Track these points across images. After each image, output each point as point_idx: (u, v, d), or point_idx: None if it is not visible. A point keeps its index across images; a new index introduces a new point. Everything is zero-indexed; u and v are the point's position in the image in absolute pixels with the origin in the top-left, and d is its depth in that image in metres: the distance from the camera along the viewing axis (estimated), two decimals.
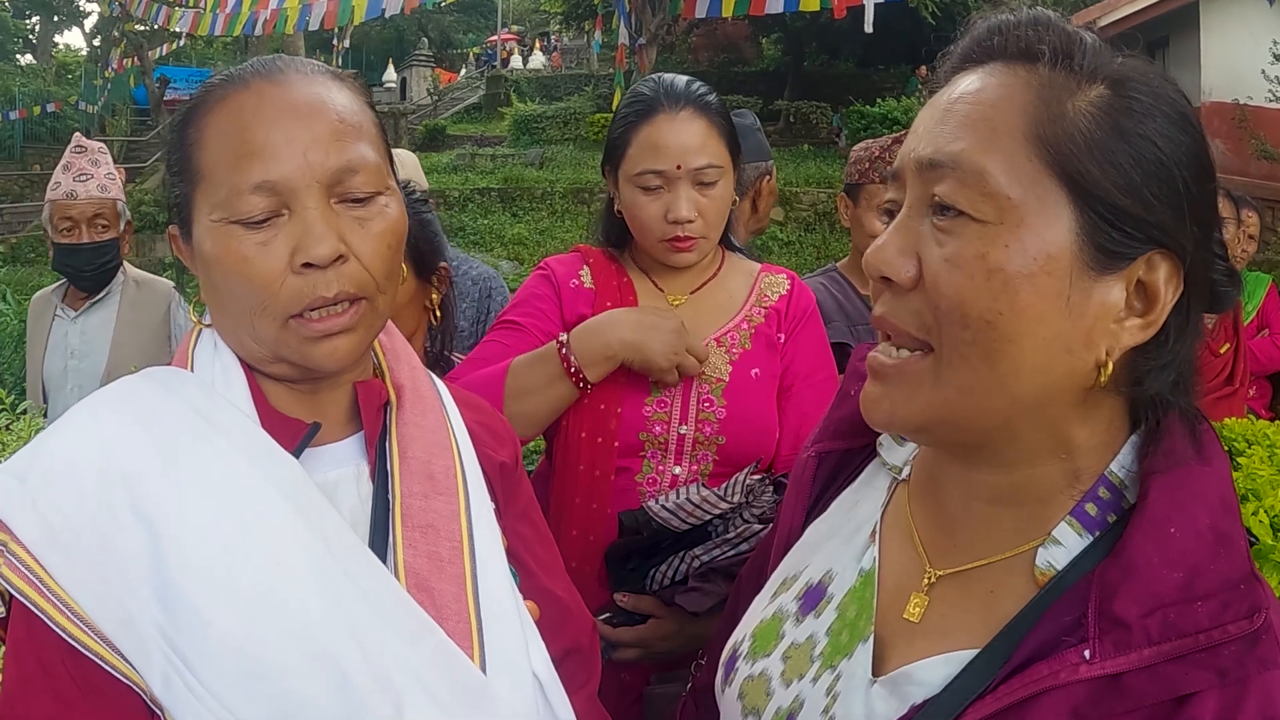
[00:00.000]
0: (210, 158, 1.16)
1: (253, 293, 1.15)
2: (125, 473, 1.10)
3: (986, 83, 1.01)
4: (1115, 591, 0.94)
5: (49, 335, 4.07)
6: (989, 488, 1.09)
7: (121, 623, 1.05)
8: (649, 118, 2.18)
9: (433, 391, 1.38)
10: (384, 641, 1.11)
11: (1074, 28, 1.03)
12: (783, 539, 1.36)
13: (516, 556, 1.37)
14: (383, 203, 1.21)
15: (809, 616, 1.21)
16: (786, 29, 26.34)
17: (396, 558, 1.19)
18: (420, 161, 3.93)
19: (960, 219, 0.98)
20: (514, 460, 1.49)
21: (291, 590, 1.09)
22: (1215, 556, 0.94)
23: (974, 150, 0.98)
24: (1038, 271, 0.95)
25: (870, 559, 1.19)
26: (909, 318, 1.02)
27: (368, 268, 1.18)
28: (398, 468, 1.25)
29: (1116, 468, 1.04)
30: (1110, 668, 0.92)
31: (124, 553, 1.07)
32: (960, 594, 1.09)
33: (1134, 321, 0.98)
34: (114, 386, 1.21)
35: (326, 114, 1.18)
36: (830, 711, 1.11)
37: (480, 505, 1.30)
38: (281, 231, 1.15)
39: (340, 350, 1.18)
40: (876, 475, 1.29)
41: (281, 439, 1.19)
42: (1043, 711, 0.93)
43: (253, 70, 1.20)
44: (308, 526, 1.13)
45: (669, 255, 2.21)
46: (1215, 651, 0.90)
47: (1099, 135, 0.96)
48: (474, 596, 1.21)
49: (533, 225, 19.14)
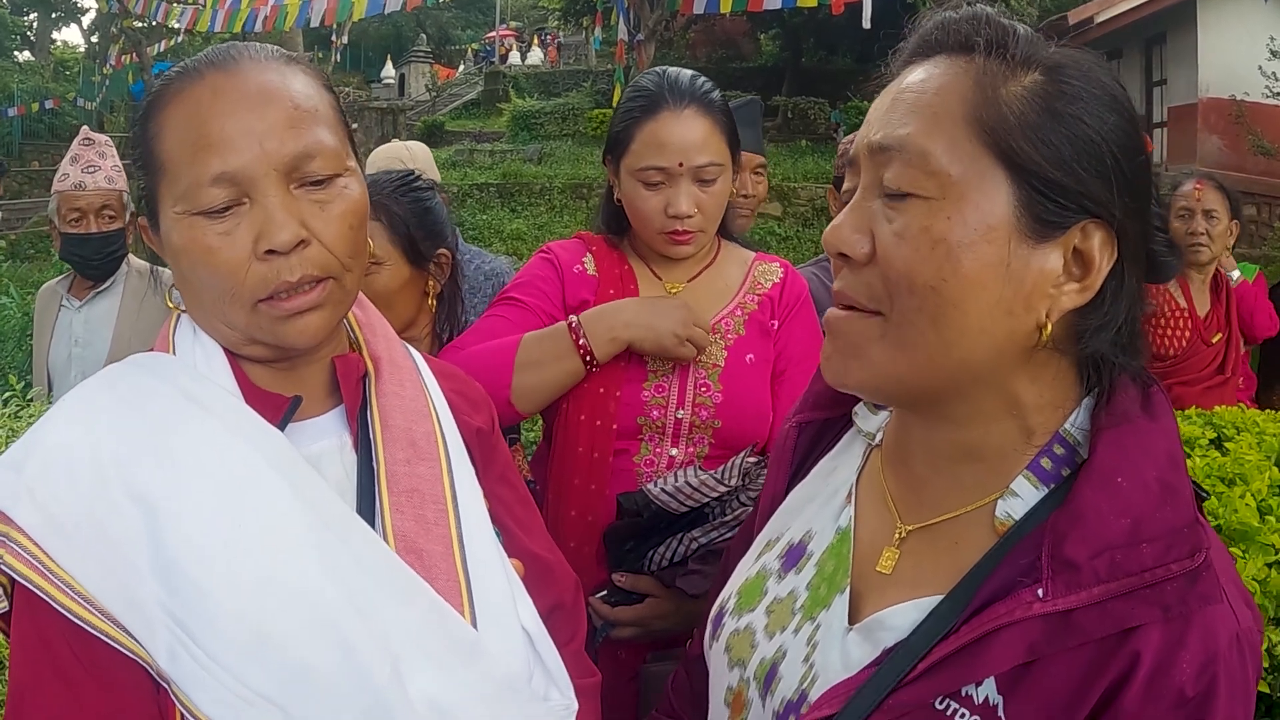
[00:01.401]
0: (170, 151, 1.19)
1: (219, 281, 1.18)
2: (118, 457, 1.13)
3: (930, 73, 1.11)
4: (1065, 536, 1.02)
5: (54, 325, 4.13)
6: (950, 446, 1.18)
7: (125, 600, 1.08)
8: (653, 113, 2.21)
9: (409, 362, 1.42)
10: (379, 604, 1.14)
11: (1009, 21, 1.12)
12: (766, 505, 1.45)
13: (497, 519, 1.40)
14: (342, 184, 1.24)
15: (790, 573, 1.30)
16: (784, 25, 26.29)
17: (385, 523, 1.23)
18: None
19: (907, 199, 1.07)
20: (490, 425, 1.53)
21: (289, 559, 1.12)
22: (1161, 505, 1.03)
23: (918, 134, 1.07)
24: (978, 241, 1.04)
25: (847, 518, 1.28)
26: (862, 289, 1.11)
27: (330, 249, 1.21)
28: (380, 436, 1.29)
29: (1071, 426, 1.13)
30: (1061, 605, 1.00)
31: (123, 535, 1.10)
32: (928, 546, 1.18)
33: (1072, 286, 1.07)
34: (102, 374, 1.24)
35: (281, 101, 1.20)
36: (810, 659, 1.19)
37: (462, 469, 1.34)
38: (244, 220, 1.17)
39: (311, 327, 1.22)
40: (853, 442, 1.38)
41: (265, 414, 1.22)
42: (1001, 646, 1.02)
43: (206, 61, 1.22)
44: (299, 496, 1.16)
45: (667, 247, 2.26)
46: (1159, 588, 0.99)
47: (1031, 116, 1.04)
48: (461, 556, 1.25)
49: (531, 221, 19.09)
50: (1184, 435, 2.69)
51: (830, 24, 23.02)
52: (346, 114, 1.34)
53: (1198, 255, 4.40)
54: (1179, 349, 4.38)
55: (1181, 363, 4.38)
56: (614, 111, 2.37)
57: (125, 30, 22.89)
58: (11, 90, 29.03)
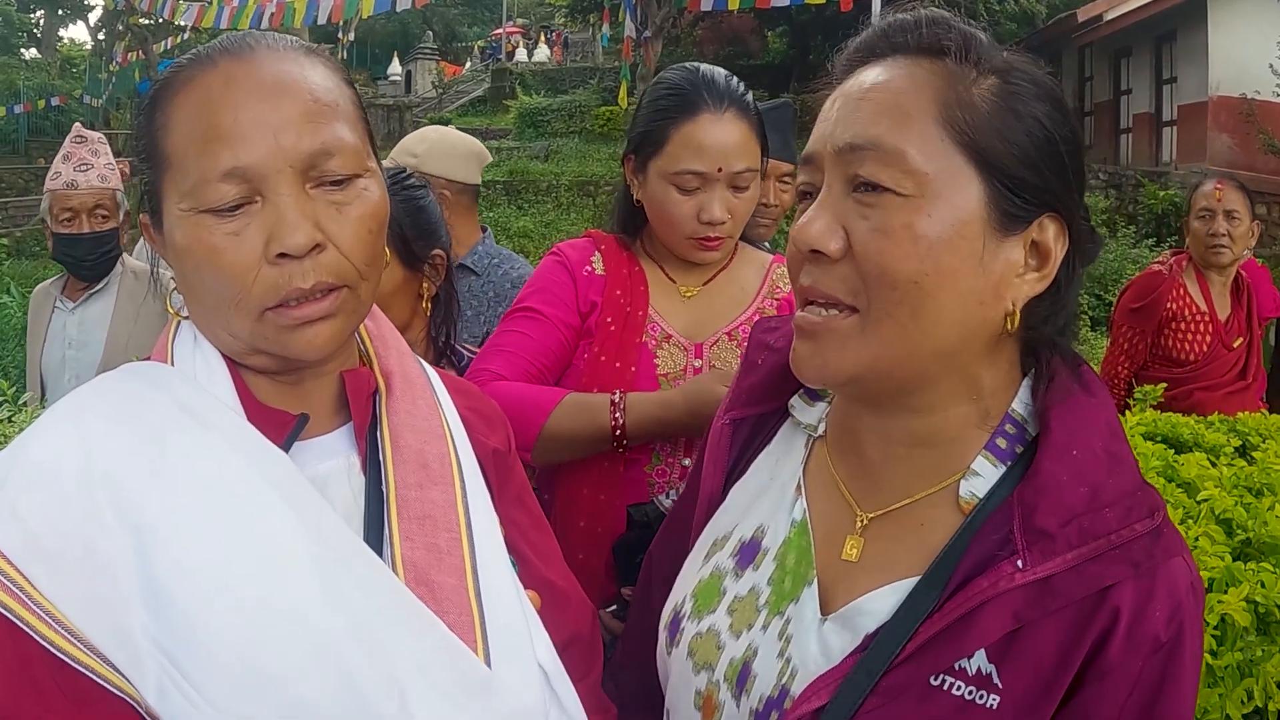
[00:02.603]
0: (177, 143, 1.11)
1: (225, 285, 1.10)
2: (109, 474, 1.05)
3: (894, 74, 1.15)
4: (1035, 508, 1.10)
5: (48, 327, 4.05)
6: (907, 432, 1.22)
7: (112, 632, 1.01)
8: (692, 115, 2.13)
9: (423, 378, 1.34)
10: (386, 638, 1.07)
11: (969, 26, 1.18)
12: (704, 504, 1.43)
13: (513, 545, 1.34)
14: (361, 185, 1.15)
15: (748, 570, 1.30)
16: (792, 22, 26.25)
17: (394, 551, 1.15)
18: None
19: (883, 194, 1.10)
20: (506, 445, 1.46)
21: (289, 589, 1.05)
22: (1111, 473, 1.12)
23: (892, 133, 1.10)
24: (955, 236, 1.09)
25: (800, 510, 1.29)
26: (838, 284, 1.13)
27: (347, 255, 1.13)
28: (390, 457, 1.21)
29: (1018, 405, 1.20)
30: (1041, 572, 1.07)
31: (111, 558, 1.02)
32: (893, 531, 1.21)
33: (1032, 275, 1.14)
34: (94, 383, 1.17)
35: (299, 93, 1.12)
36: (785, 654, 1.20)
37: (477, 493, 1.26)
38: (254, 220, 1.09)
39: (320, 338, 1.13)
40: (793, 435, 1.39)
41: (268, 432, 1.14)
42: (988, 618, 1.07)
43: (220, 48, 1.14)
44: (302, 522, 1.08)
45: (694, 252, 2.20)
46: (1127, 548, 1.07)
47: (998, 116, 1.11)
48: (475, 587, 1.18)
49: (538, 218, 19.10)
50: (1209, 443, 2.63)
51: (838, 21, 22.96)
52: (365, 110, 1.25)
53: (1219, 257, 4.30)
54: (1200, 354, 4.29)
55: (1202, 368, 4.30)
56: (639, 108, 2.28)
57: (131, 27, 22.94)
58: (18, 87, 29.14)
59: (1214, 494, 2.10)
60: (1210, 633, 1.77)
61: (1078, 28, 20.69)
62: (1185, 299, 4.30)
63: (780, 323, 1.45)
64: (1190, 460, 2.32)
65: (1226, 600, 1.79)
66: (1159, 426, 2.75)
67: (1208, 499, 2.08)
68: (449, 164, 3.60)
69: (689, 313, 2.27)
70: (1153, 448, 2.40)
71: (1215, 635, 1.78)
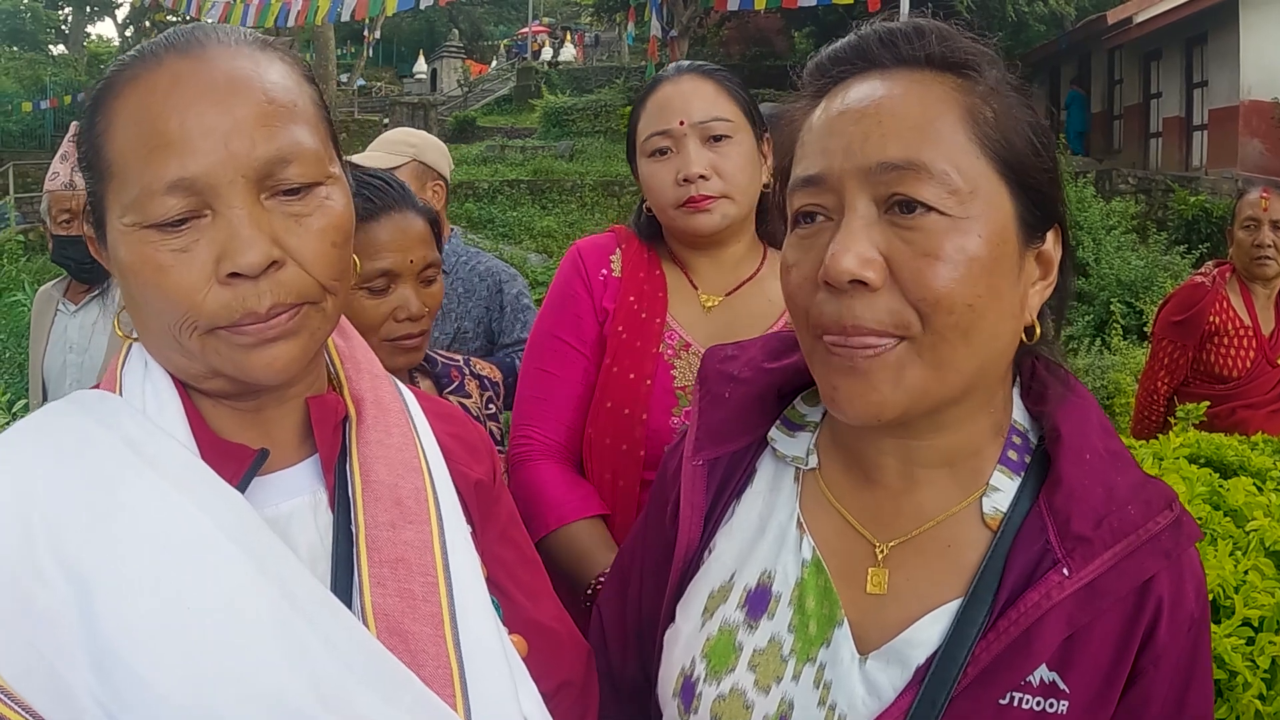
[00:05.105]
0: (119, 151, 1.01)
1: (171, 308, 1.00)
2: (48, 519, 0.96)
3: (909, 88, 1.11)
4: (1069, 515, 1.11)
5: (50, 330, 3.99)
6: (931, 452, 1.19)
7: (51, 693, 0.92)
8: (653, 89, 2.17)
9: (398, 403, 1.23)
10: (355, 698, 0.97)
11: (969, 40, 1.14)
12: (683, 554, 1.34)
13: (498, 584, 1.25)
14: (323, 195, 1.05)
15: (762, 620, 1.23)
16: (819, 22, 26.13)
17: (364, 599, 1.05)
18: (450, 153, 3.81)
19: (928, 215, 1.05)
20: (491, 476, 1.35)
21: (245, 646, 0.95)
22: (1117, 470, 1.15)
23: (930, 151, 1.06)
24: (999, 254, 1.08)
25: (809, 548, 1.24)
26: (883, 315, 1.06)
27: (309, 270, 1.03)
28: (360, 493, 1.11)
29: (1017, 414, 1.22)
30: (1086, 576, 1.08)
31: (51, 612, 0.93)
32: (918, 557, 1.18)
33: (1040, 284, 1.16)
34: (34, 417, 1.08)
35: (252, 94, 1.02)
36: (827, 701, 1.15)
37: (456, 532, 1.15)
38: (204, 236, 0.99)
39: (280, 359, 1.03)
40: (777, 470, 1.32)
41: (225, 469, 1.05)
42: (1046, 631, 1.08)
43: (167, 44, 1.04)
44: (259, 570, 0.98)
45: (688, 220, 2.11)
46: (1157, 540, 1.10)
47: (1014, 129, 1.10)
48: (453, 638, 1.07)
49: (562, 218, 19.09)
50: (1255, 467, 2.54)
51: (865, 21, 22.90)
52: (330, 110, 1.16)
53: (1264, 269, 4.14)
54: (1243, 370, 4.14)
55: (1245, 385, 4.14)
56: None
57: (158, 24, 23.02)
58: (44, 83, 29.33)
59: (1264, 524, 2.01)
60: (1260, 675, 1.69)
61: (1107, 30, 20.55)
62: (1229, 312, 4.16)
63: (738, 350, 1.38)
64: (1237, 486, 2.23)
65: (1279, 641, 1.71)
66: (1202, 448, 2.66)
67: (1258, 529, 2.00)
68: (439, 159, 3.64)
69: (711, 324, 2.18)
70: (1198, 472, 2.31)
71: (1265, 679, 1.69)
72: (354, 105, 33.16)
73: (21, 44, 41.21)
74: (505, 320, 3.44)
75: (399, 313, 1.99)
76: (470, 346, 3.34)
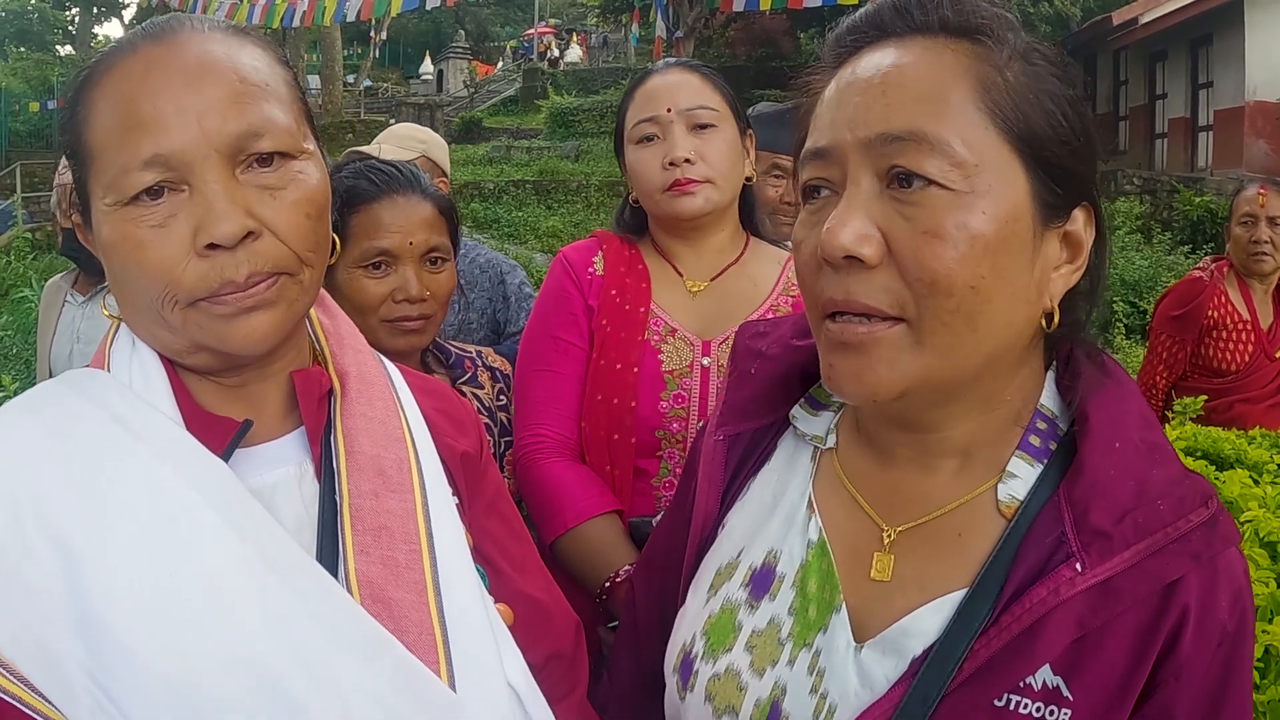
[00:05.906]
0: (99, 136, 1.05)
1: (152, 281, 1.03)
2: (36, 492, 0.99)
3: (919, 55, 1.05)
4: (1088, 507, 1.03)
5: (58, 320, 3.99)
6: (944, 439, 1.14)
7: (40, 661, 0.94)
8: (641, 81, 2.23)
9: (382, 377, 1.25)
10: (337, 664, 0.99)
11: (985, 4, 1.08)
12: (698, 529, 1.33)
13: (485, 556, 1.27)
14: (297, 169, 1.09)
15: (764, 600, 1.20)
16: (824, 23, 26.15)
17: (348, 567, 1.07)
18: (456, 153, 3.87)
19: (928, 189, 1.00)
20: (478, 449, 1.37)
21: (227, 614, 0.97)
22: (1153, 463, 1.06)
23: (934, 121, 1.01)
24: (1008, 234, 1.01)
25: (816, 529, 1.20)
26: (879, 294, 1.02)
27: (285, 240, 1.06)
28: (344, 464, 1.13)
29: (1047, 400, 1.15)
30: (1101, 574, 1.00)
31: (40, 584, 0.96)
32: (927, 544, 1.13)
33: (1066, 268, 1.08)
34: (25, 396, 1.11)
35: (223, 74, 1.05)
36: (819, 689, 1.11)
37: (440, 502, 1.17)
38: (181, 211, 1.02)
39: (259, 329, 1.06)
40: (795, 449, 1.30)
41: (210, 441, 1.07)
42: (1051, 629, 1.00)
43: (142, 33, 1.08)
44: (241, 539, 1.01)
45: (673, 204, 2.15)
46: (1185, 539, 1.01)
47: (1035, 101, 1.03)
48: (437, 604, 1.09)
49: (567, 218, 19.10)
50: (1251, 460, 2.56)
51: None
52: (304, 92, 1.19)
53: (1261, 264, 4.18)
54: (1241, 364, 4.17)
55: (1243, 379, 4.17)
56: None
57: None
58: (52, 83, 29.35)
59: (1258, 515, 2.03)
60: (1254, 665, 1.71)
61: (1112, 31, 20.52)
62: (1227, 306, 4.19)
63: (769, 327, 1.36)
64: (1232, 478, 2.25)
65: (1271, 631, 1.73)
66: (1199, 441, 2.69)
67: (1251, 520, 2.02)
68: (443, 156, 3.74)
69: (697, 309, 2.22)
70: (1193, 464, 2.33)
71: (1259, 668, 1.71)
72: (360, 106, 33.26)
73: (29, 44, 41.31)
74: (510, 310, 3.48)
75: (398, 294, 2.02)
76: (475, 337, 3.37)
